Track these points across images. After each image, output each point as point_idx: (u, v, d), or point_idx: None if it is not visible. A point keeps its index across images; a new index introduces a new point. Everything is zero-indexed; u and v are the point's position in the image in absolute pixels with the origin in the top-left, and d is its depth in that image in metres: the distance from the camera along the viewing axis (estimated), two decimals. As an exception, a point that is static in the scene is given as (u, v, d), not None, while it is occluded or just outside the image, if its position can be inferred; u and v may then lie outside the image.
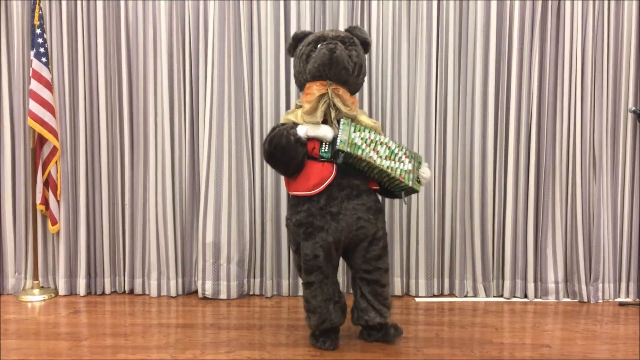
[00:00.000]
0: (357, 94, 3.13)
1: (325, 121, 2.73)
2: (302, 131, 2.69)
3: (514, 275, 3.71)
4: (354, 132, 2.68)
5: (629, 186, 3.71)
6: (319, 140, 2.70)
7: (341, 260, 2.93)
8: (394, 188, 2.83)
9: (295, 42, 2.92)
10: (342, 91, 2.74)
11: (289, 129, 2.69)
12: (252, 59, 3.71)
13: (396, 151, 2.74)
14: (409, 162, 2.76)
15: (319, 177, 2.68)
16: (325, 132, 2.68)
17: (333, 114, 2.71)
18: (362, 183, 2.78)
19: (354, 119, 2.77)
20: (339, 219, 2.68)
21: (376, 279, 2.82)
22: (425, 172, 2.85)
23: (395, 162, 2.72)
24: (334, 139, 2.67)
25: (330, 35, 2.77)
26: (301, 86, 2.90)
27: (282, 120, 2.88)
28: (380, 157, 2.69)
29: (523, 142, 3.66)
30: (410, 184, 2.73)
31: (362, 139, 2.67)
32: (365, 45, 2.91)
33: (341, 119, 2.70)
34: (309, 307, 2.81)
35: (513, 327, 3.17)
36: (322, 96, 2.71)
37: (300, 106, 2.81)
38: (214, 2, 3.62)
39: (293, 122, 2.76)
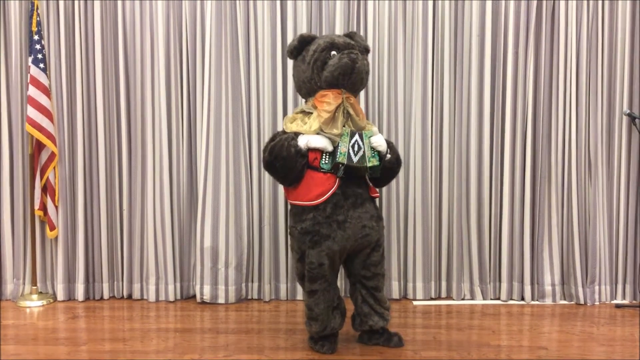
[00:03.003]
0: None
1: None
2: (303, 142, 2.68)
3: (511, 277, 3.73)
4: (351, 141, 2.67)
5: (625, 188, 3.73)
6: (320, 151, 2.70)
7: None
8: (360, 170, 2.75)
9: (302, 45, 2.84)
10: (353, 100, 2.76)
11: (290, 140, 2.69)
12: (249, 61, 3.73)
13: (360, 143, 2.70)
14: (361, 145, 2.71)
15: (322, 187, 2.68)
16: (326, 144, 2.67)
17: (343, 123, 2.71)
18: (364, 191, 2.80)
19: (362, 129, 2.76)
20: (345, 227, 2.69)
21: (375, 285, 2.85)
22: (374, 140, 2.75)
23: (360, 152, 2.69)
24: (335, 150, 2.67)
25: (341, 42, 2.75)
26: (309, 93, 2.85)
27: (284, 128, 2.83)
28: (355, 154, 2.67)
29: (519, 145, 3.68)
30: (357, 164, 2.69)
31: (352, 146, 2.68)
32: (366, 53, 2.93)
33: (343, 129, 2.70)
34: (311, 315, 2.80)
35: (510, 329, 3.18)
36: (338, 106, 2.70)
37: (307, 112, 2.79)
38: (211, 3, 3.63)
39: (295, 133, 2.74)
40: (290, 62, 3.25)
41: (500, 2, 3.66)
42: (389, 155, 2.82)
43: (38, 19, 3.61)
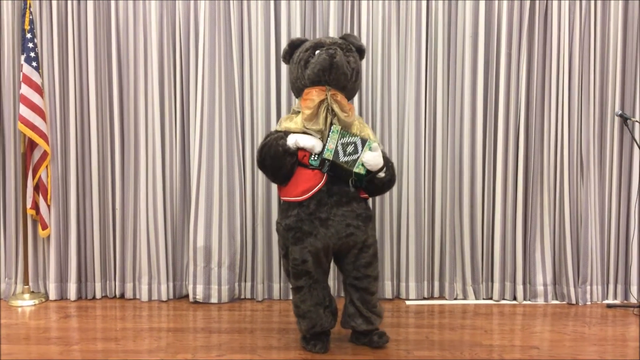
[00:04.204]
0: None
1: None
2: (292, 141, 2.71)
3: (503, 277, 3.74)
4: (341, 139, 2.70)
5: (616, 189, 3.75)
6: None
7: (332, 264, 2.95)
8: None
9: (292, 49, 2.93)
10: (340, 97, 2.77)
11: (278, 139, 2.72)
12: (243, 61, 3.73)
13: (359, 148, 2.72)
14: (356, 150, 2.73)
15: (309, 183, 2.71)
16: (313, 143, 2.69)
17: (328, 120, 2.72)
18: (352, 190, 2.80)
19: (350, 126, 2.77)
20: (328, 224, 2.69)
21: (365, 287, 2.83)
22: (367, 157, 2.71)
23: (353, 155, 2.71)
24: (323, 147, 2.69)
25: (327, 42, 2.80)
26: (298, 92, 2.90)
27: (277, 127, 2.87)
28: (346, 154, 2.70)
29: (511, 145, 3.69)
30: (352, 169, 2.71)
31: (342, 144, 2.70)
32: (361, 52, 2.95)
33: (332, 126, 2.71)
34: (298, 312, 2.82)
35: (502, 329, 3.19)
36: (321, 102, 2.72)
37: (299, 112, 2.81)
38: (205, 3, 3.62)
39: (284, 132, 2.77)
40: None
41: (494, 2, 3.67)
42: (382, 174, 2.79)
43: (31, 17, 3.60)
